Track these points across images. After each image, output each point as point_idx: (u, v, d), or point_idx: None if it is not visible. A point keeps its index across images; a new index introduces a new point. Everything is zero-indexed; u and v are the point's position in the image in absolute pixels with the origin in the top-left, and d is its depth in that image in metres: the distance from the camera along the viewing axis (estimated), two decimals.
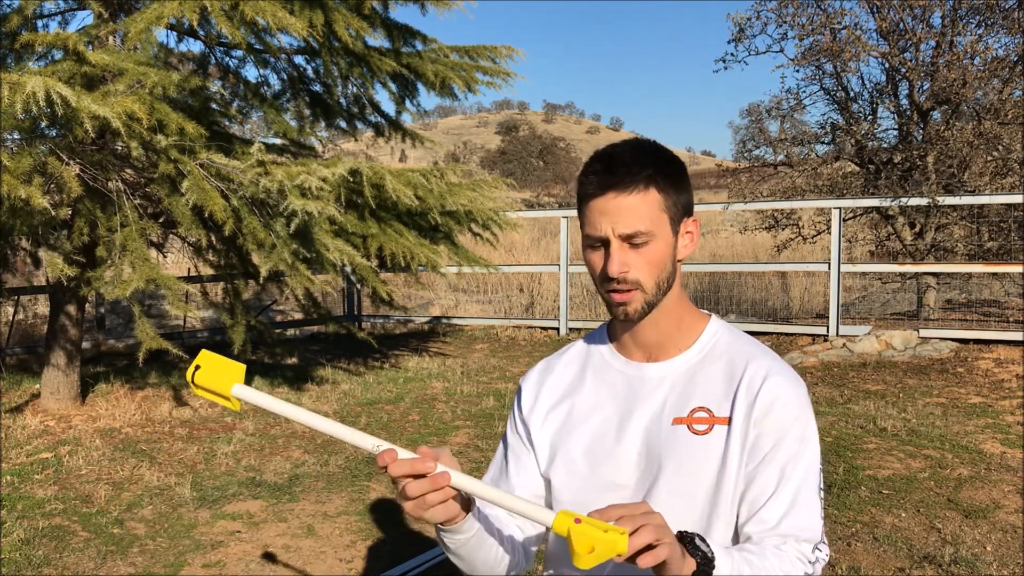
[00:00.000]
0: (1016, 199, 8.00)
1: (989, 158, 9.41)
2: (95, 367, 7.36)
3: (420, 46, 6.99)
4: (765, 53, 9.73)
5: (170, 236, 6.87)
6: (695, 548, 1.07)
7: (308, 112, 7.11)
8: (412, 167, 6.80)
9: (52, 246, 5.24)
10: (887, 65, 9.42)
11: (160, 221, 5.88)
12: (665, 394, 1.29)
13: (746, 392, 1.24)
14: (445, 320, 10.50)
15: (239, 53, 6.60)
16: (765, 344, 1.34)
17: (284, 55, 6.76)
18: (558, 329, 9.50)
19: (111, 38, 5.65)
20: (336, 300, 10.91)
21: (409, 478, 1.09)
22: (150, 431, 5.61)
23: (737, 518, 1.24)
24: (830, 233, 8.38)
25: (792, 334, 8.46)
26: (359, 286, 8.70)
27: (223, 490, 4.58)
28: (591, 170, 1.25)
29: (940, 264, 8.95)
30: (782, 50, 9.83)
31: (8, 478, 4.67)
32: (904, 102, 9.60)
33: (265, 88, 6.87)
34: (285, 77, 6.99)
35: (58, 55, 5.41)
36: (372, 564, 3.73)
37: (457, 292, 12.73)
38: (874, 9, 9.26)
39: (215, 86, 6.54)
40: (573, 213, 8.92)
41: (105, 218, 5.22)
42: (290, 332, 9.99)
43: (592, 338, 1.42)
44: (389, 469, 1.09)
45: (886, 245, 10.47)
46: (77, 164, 4.97)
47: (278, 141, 6.94)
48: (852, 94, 10.00)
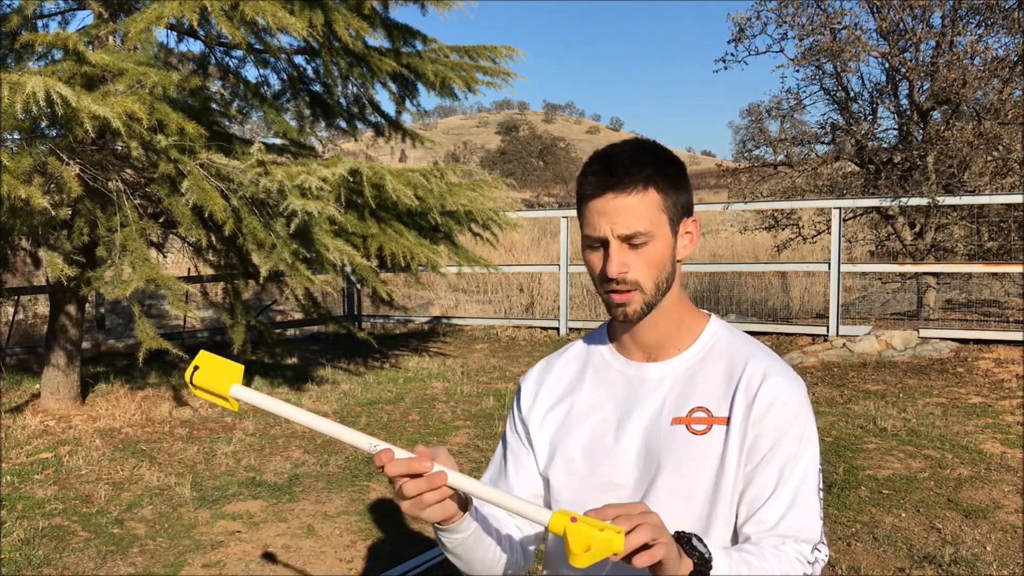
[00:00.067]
0: (1016, 199, 8.00)
1: (989, 158, 9.41)
2: (95, 367, 7.36)
3: (420, 46, 6.99)
4: (765, 53, 9.74)
5: (170, 236, 6.87)
6: (692, 548, 1.06)
7: (308, 112, 7.11)
8: (412, 167, 6.80)
9: (52, 246, 5.24)
10: (887, 65, 9.43)
11: (160, 221, 5.88)
12: (664, 394, 1.29)
13: (745, 392, 1.24)
14: (445, 320, 10.50)
15: (239, 53, 6.60)
16: (765, 344, 1.34)
17: (284, 55, 6.76)
18: (558, 329, 9.50)
19: (111, 38, 5.65)
20: (336, 300, 10.91)
21: (406, 477, 1.09)
22: (150, 431, 5.61)
23: (736, 518, 1.24)
24: (830, 233, 8.38)
25: (792, 334, 8.46)
26: (359, 286, 8.70)
27: (223, 490, 4.58)
28: (590, 170, 1.25)
29: (940, 264, 8.95)
30: (782, 50, 9.84)
31: (8, 478, 4.67)
32: (904, 102, 9.60)
33: (265, 88, 6.87)
34: (285, 77, 6.99)
35: (58, 55, 5.41)
36: (372, 564, 3.74)
37: (457, 292, 12.73)
38: (874, 9, 9.26)
39: (215, 86, 6.54)
40: (573, 213, 8.91)
41: (105, 218, 5.22)
42: (290, 332, 9.99)
43: (592, 338, 1.42)
44: (386, 469, 1.09)
45: (886, 245, 10.47)
46: (77, 164, 4.97)
47: (278, 141, 6.94)
48: (852, 94, 10.00)
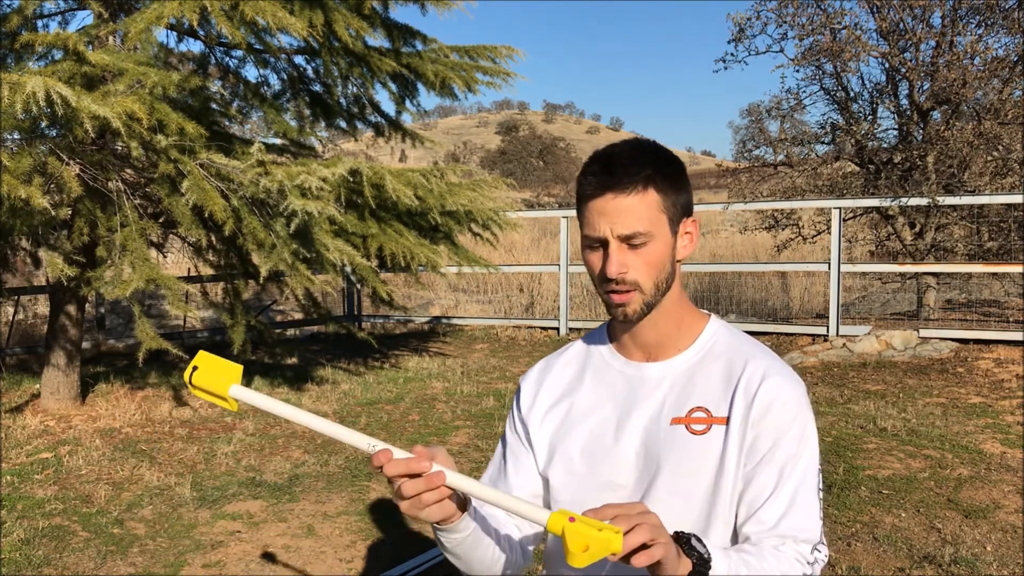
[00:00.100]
0: (1016, 199, 8.00)
1: (989, 158, 9.41)
2: (95, 367, 7.36)
3: (420, 46, 6.99)
4: (765, 53, 9.74)
5: (170, 236, 6.87)
6: (691, 549, 1.06)
7: (308, 112, 7.11)
8: (412, 167, 6.80)
9: (52, 246, 5.24)
10: (887, 65, 9.43)
11: (160, 221, 5.88)
12: (664, 394, 1.29)
13: (744, 392, 1.24)
14: (445, 320, 10.50)
15: (239, 53, 6.60)
16: (765, 344, 1.34)
17: (284, 55, 6.76)
18: (558, 329, 9.50)
19: (111, 38, 5.65)
20: (336, 300, 10.91)
21: (405, 478, 1.09)
22: (150, 431, 5.61)
23: (736, 518, 1.23)
24: (830, 233, 8.38)
25: (792, 334, 8.46)
26: (359, 286, 8.70)
27: (223, 490, 4.58)
28: (590, 171, 1.25)
29: (940, 264, 8.95)
30: (782, 50, 9.83)
31: (8, 478, 4.67)
32: (904, 102, 9.60)
33: (265, 88, 6.87)
34: (285, 77, 6.99)
35: (58, 55, 5.41)
36: (372, 564, 3.74)
37: (457, 292, 12.73)
38: (874, 9, 9.26)
39: (215, 86, 6.54)
40: (573, 213, 8.91)
41: (105, 218, 5.22)
42: (290, 332, 9.99)
43: (591, 338, 1.42)
44: (384, 469, 1.09)
45: (886, 245, 10.47)
46: (77, 164, 4.97)
47: (278, 141, 6.94)
48: (852, 94, 10.00)
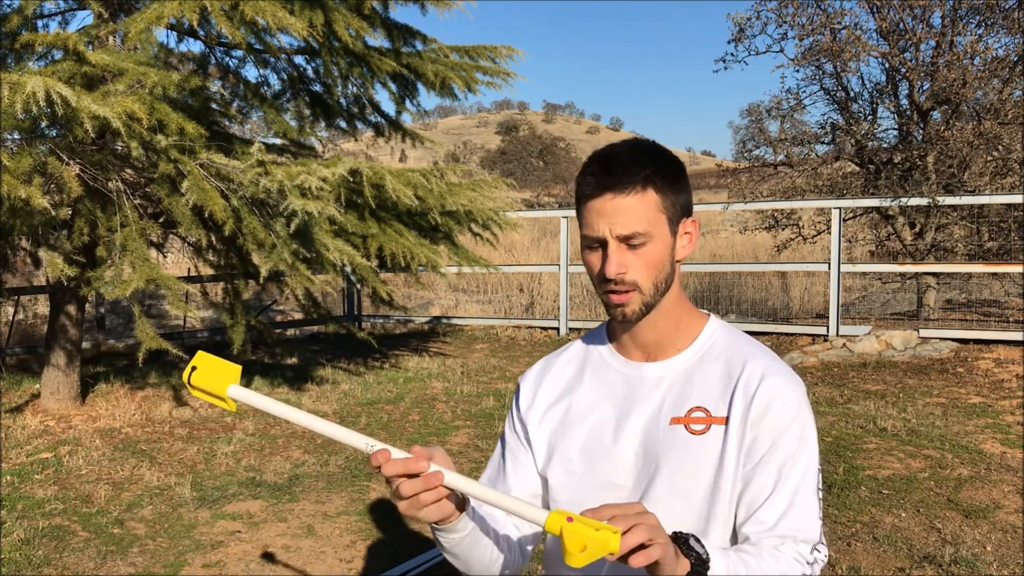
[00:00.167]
0: (1016, 199, 8.00)
1: (989, 158, 9.41)
2: (95, 367, 7.36)
3: (420, 46, 6.99)
4: (765, 53, 9.74)
5: (170, 236, 6.88)
6: (689, 549, 1.06)
7: (308, 112, 7.11)
8: (412, 167, 6.80)
9: (52, 246, 5.24)
10: (887, 65, 9.42)
11: (160, 221, 5.88)
12: (663, 394, 1.29)
13: (743, 392, 1.24)
14: (445, 320, 10.50)
15: (239, 53, 6.60)
16: (765, 344, 1.34)
17: (284, 55, 6.76)
18: (558, 329, 9.50)
19: (111, 38, 5.65)
20: (336, 300, 10.91)
21: (403, 478, 1.09)
22: (150, 431, 5.61)
23: (735, 519, 1.23)
24: (830, 233, 8.38)
25: (792, 334, 8.46)
26: (359, 286, 8.70)
27: (223, 490, 4.58)
28: (589, 171, 1.24)
29: (940, 264, 8.95)
30: (782, 50, 9.83)
31: (8, 478, 4.67)
32: (904, 102, 9.60)
33: (265, 88, 6.87)
34: (285, 77, 6.99)
35: (58, 55, 5.41)
36: (372, 564, 3.74)
37: (457, 292, 12.73)
38: (874, 9, 9.26)
39: (215, 86, 6.54)
40: (573, 213, 8.91)
41: (105, 218, 5.22)
42: (290, 332, 10.00)
43: (591, 337, 1.42)
44: (383, 469, 1.09)
45: (886, 245, 10.47)
46: (77, 164, 4.97)
47: (278, 141, 6.94)
48: (852, 94, 10.00)
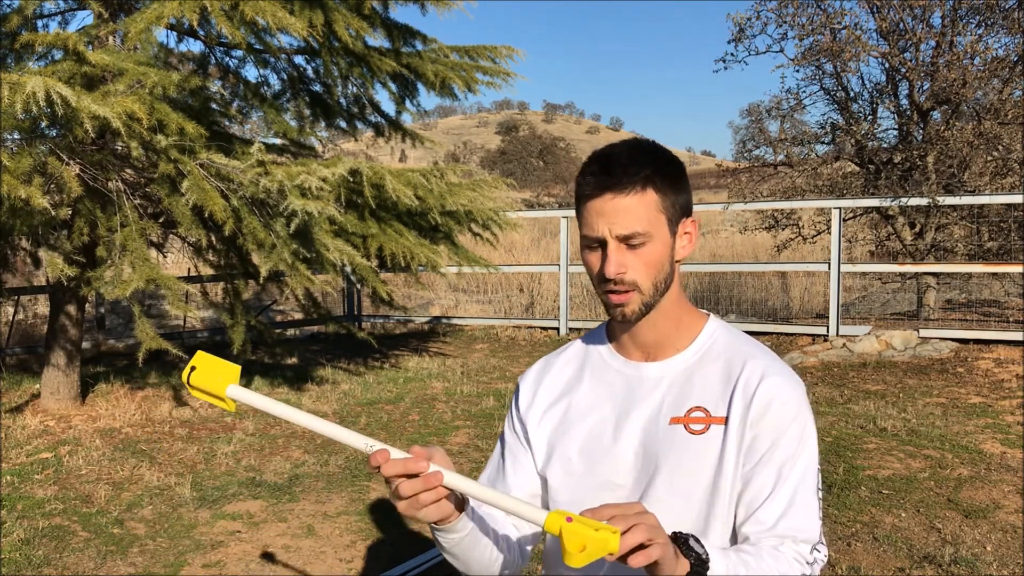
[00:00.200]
0: (1016, 199, 8.00)
1: (989, 158, 9.41)
2: (95, 367, 7.36)
3: (420, 46, 6.99)
4: (765, 53, 9.74)
5: (170, 236, 6.88)
6: (689, 549, 1.06)
7: (308, 112, 7.11)
8: (412, 167, 6.80)
9: (52, 246, 5.24)
10: (887, 65, 9.42)
11: (160, 221, 5.88)
12: (663, 394, 1.29)
13: (743, 392, 1.24)
14: (445, 320, 10.50)
15: (239, 53, 6.61)
16: (765, 344, 1.34)
17: (284, 55, 6.76)
18: (558, 329, 9.50)
19: (111, 38, 5.65)
20: (336, 300, 10.91)
21: (402, 478, 1.09)
22: (150, 431, 5.61)
23: (735, 519, 1.23)
24: (830, 233, 8.38)
25: (792, 334, 8.46)
26: (359, 286, 8.70)
27: (223, 490, 4.58)
28: (588, 171, 1.24)
29: (940, 264, 8.95)
30: (782, 50, 9.84)
31: (8, 478, 4.67)
32: (904, 102, 9.60)
33: (265, 88, 6.87)
34: (285, 77, 6.99)
35: (58, 55, 5.41)
36: (372, 564, 3.74)
37: (457, 292, 12.73)
38: (874, 9, 9.26)
39: (215, 86, 6.54)
40: (573, 213, 8.88)
41: (105, 218, 5.22)
42: (290, 332, 10.00)
43: (591, 337, 1.42)
44: (382, 469, 1.09)
45: (886, 245, 10.47)
46: (77, 164, 4.97)
47: (278, 141, 6.94)
48: (852, 94, 10.00)
